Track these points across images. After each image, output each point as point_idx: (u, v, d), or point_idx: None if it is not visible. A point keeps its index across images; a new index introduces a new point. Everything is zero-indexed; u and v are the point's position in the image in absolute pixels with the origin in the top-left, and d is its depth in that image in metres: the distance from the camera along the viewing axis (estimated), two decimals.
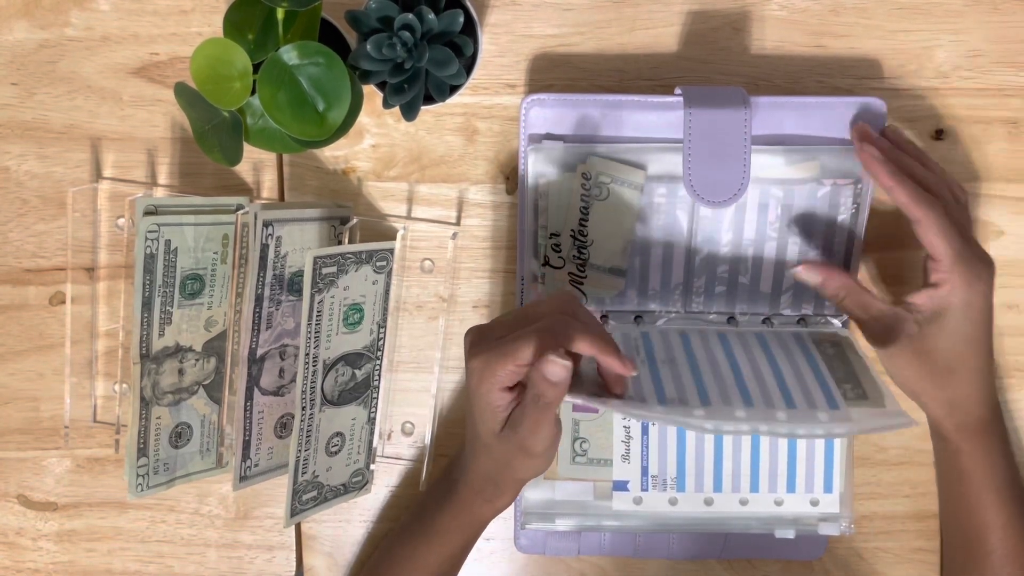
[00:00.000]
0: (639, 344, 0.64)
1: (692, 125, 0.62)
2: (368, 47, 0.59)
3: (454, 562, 0.66)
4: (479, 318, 0.71)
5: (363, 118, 0.70)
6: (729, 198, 0.63)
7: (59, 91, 0.70)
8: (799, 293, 0.67)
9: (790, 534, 0.68)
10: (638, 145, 0.65)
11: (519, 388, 0.56)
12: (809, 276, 0.63)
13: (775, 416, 0.56)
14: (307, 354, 0.63)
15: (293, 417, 0.64)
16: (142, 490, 0.67)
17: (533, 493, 0.69)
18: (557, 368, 0.53)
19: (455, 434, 0.72)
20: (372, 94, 0.69)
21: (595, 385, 0.59)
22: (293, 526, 0.72)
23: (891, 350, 0.61)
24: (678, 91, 0.64)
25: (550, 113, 0.65)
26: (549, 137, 0.66)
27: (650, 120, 0.65)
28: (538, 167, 0.66)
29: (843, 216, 0.66)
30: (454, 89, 0.64)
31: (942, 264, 0.59)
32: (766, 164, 0.64)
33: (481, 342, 0.56)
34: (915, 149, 0.66)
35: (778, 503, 0.68)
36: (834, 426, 0.56)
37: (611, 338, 0.56)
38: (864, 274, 0.70)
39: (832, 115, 0.65)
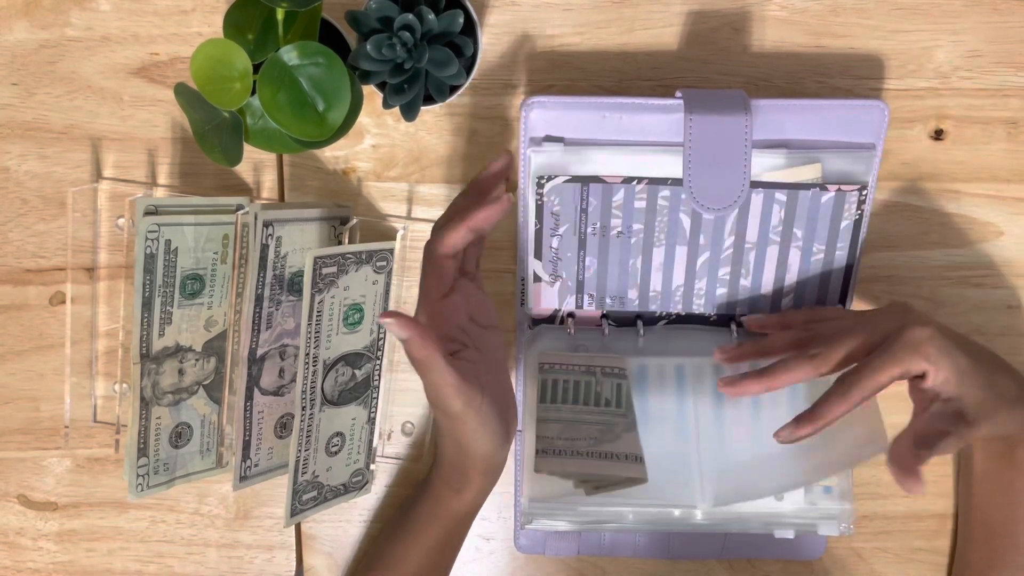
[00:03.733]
0: (632, 388, 0.67)
1: (692, 131, 0.62)
2: (368, 47, 0.59)
3: (435, 558, 0.66)
4: None
5: (363, 118, 0.70)
6: (729, 204, 0.63)
7: (59, 91, 0.70)
8: (800, 295, 0.67)
9: (789, 534, 0.68)
10: (639, 147, 0.65)
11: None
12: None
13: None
14: (307, 354, 0.63)
15: (293, 417, 0.64)
16: (142, 490, 0.67)
17: (531, 490, 0.68)
18: (392, 328, 0.55)
19: None
20: (372, 94, 0.69)
21: None
22: (293, 526, 0.72)
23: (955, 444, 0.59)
24: (679, 94, 0.64)
25: (551, 115, 0.65)
26: (549, 139, 0.66)
27: (651, 122, 0.65)
28: (539, 169, 0.66)
29: (846, 222, 0.66)
30: (454, 89, 0.64)
31: (911, 370, 0.58)
32: (767, 165, 0.64)
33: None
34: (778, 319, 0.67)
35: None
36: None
37: (469, 201, 0.59)
38: (864, 275, 0.70)
39: (834, 118, 0.65)
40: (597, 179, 0.65)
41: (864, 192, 0.65)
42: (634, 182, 0.65)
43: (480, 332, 0.61)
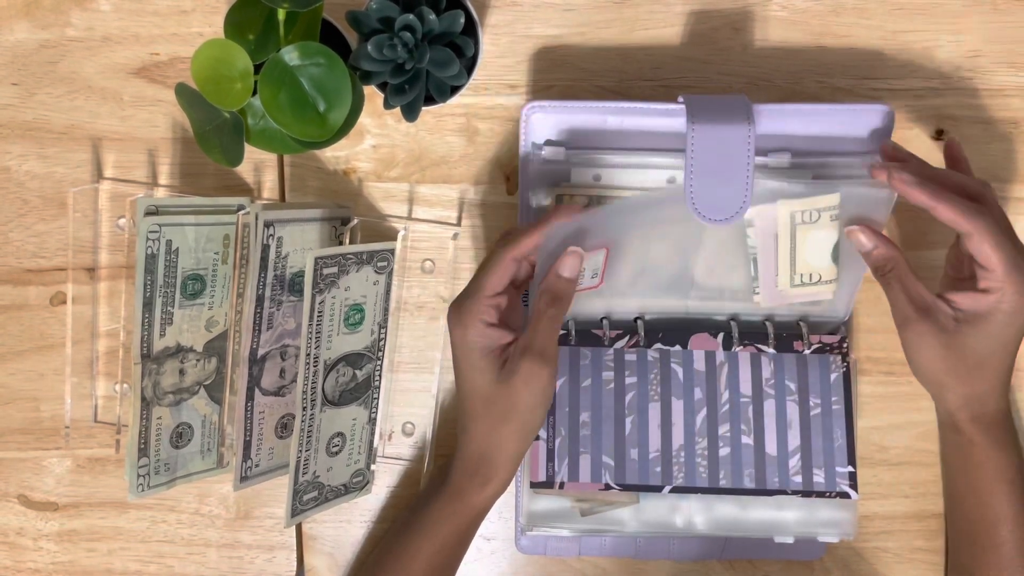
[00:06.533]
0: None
1: (695, 141, 0.62)
2: (369, 48, 0.59)
3: (448, 554, 0.66)
4: None
5: (364, 119, 0.70)
6: (731, 216, 0.62)
7: (60, 91, 0.70)
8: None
9: (789, 540, 0.68)
10: (641, 152, 0.65)
11: (505, 328, 0.60)
12: (862, 239, 0.62)
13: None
14: (308, 354, 0.63)
15: (294, 417, 0.64)
16: (143, 490, 0.67)
17: (530, 504, 0.69)
18: (572, 260, 0.58)
19: (456, 434, 0.72)
20: (373, 95, 0.69)
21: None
22: (294, 526, 0.72)
23: (919, 337, 0.60)
24: (681, 99, 0.64)
25: (551, 119, 0.65)
26: (551, 143, 0.65)
27: (653, 126, 0.65)
28: (540, 174, 0.66)
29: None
30: (455, 90, 0.64)
31: (995, 274, 0.58)
32: (786, 191, 0.63)
33: (454, 303, 0.61)
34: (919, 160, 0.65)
35: (743, 508, 0.68)
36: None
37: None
38: (865, 274, 0.70)
39: (837, 122, 0.64)
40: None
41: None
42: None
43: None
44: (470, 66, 0.64)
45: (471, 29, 0.63)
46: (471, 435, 0.62)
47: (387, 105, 0.62)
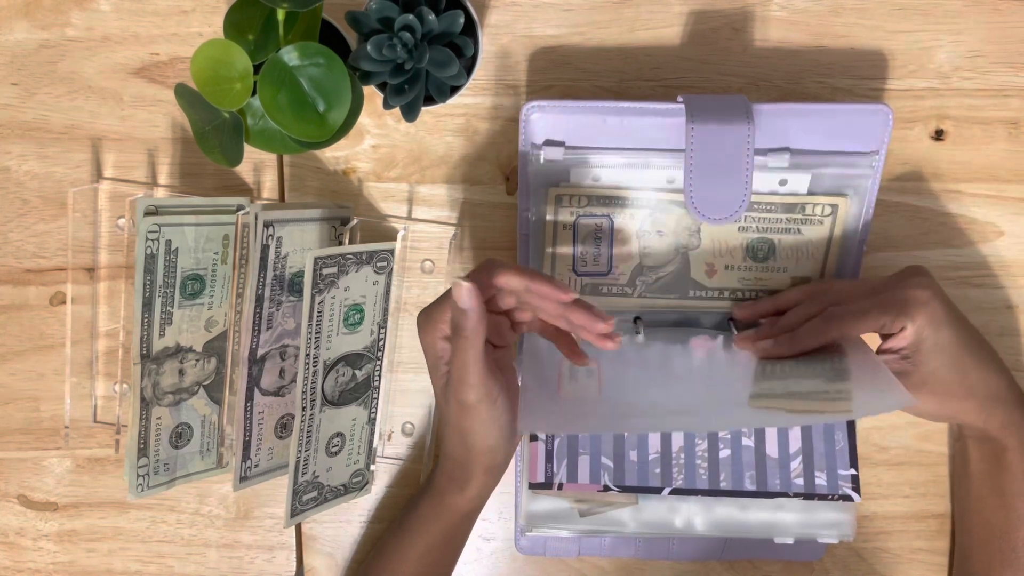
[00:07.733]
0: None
1: (694, 140, 0.62)
2: (369, 48, 0.59)
3: (437, 555, 0.66)
4: None
5: (363, 119, 0.70)
6: (729, 215, 0.62)
7: (60, 91, 0.70)
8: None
9: (789, 540, 0.68)
10: (641, 152, 0.65)
11: None
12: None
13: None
14: (307, 354, 0.63)
15: (293, 417, 0.64)
16: (142, 490, 0.67)
17: (529, 504, 0.69)
18: (461, 291, 0.54)
19: None
20: (372, 95, 0.69)
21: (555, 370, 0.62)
22: (293, 526, 0.72)
23: None
24: (680, 99, 0.64)
25: (551, 119, 0.65)
26: (550, 143, 0.65)
27: (652, 126, 0.65)
28: (539, 174, 0.66)
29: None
30: (454, 90, 0.64)
31: (891, 324, 0.60)
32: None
33: (423, 310, 0.60)
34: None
35: (743, 508, 0.68)
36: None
37: (546, 275, 0.57)
38: (865, 274, 0.70)
39: (836, 122, 0.64)
40: None
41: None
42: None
43: (510, 332, 0.62)
44: (470, 66, 0.64)
45: (471, 29, 0.63)
46: (448, 440, 0.62)
47: (387, 105, 0.62)
